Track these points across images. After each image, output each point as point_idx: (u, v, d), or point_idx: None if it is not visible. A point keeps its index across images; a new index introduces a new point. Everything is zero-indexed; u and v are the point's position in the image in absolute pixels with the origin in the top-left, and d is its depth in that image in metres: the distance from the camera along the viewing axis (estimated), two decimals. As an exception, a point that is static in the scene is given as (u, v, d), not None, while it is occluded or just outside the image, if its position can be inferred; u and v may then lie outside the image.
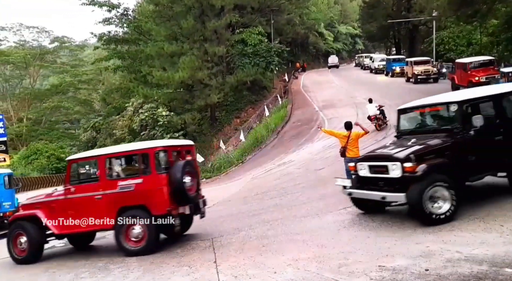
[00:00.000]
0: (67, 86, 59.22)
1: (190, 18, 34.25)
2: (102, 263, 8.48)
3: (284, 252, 7.35)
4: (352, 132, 11.17)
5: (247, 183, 18.08)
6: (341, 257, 6.60)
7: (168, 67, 35.28)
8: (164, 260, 8.11)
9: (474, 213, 7.67)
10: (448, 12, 31.85)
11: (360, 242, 7.18)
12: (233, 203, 14.10)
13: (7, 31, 58.37)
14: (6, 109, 53.68)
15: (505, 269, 5.26)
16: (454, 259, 5.80)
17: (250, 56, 38.05)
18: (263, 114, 34.37)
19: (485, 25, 34.47)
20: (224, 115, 39.32)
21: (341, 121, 24.69)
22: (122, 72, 49.62)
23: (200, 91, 35.90)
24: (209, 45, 35.21)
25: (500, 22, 31.45)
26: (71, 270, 8.45)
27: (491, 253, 5.79)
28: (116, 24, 47.21)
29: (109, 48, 47.66)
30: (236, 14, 37.47)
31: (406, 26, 51.64)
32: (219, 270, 6.90)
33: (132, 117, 46.11)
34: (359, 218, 8.76)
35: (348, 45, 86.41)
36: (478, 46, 36.02)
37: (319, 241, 7.65)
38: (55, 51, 61.61)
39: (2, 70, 56.65)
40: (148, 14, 42.84)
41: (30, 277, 8.43)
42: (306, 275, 6.05)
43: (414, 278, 5.36)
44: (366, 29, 60.46)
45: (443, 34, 40.45)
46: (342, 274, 5.88)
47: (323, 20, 73.70)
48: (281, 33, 49.80)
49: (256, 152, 26.83)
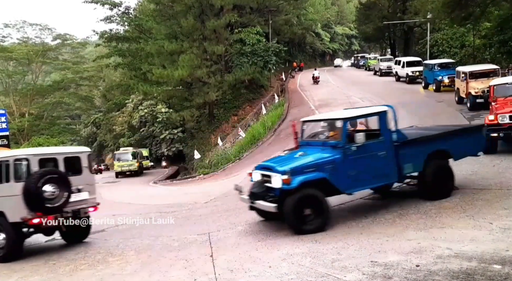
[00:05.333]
0: (68, 83, 59.57)
1: (190, 17, 34.74)
2: (100, 256, 8.51)
3: (279, 247, 7.40)
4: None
5: (244, 179, 17.53)
6: (335, 252, 6.68)
7: (168, 65, 35.75)
8: (161, 253, 8.19)
9: (464, 211, 7.92)
10: (442, 14, 31.95)
11: (353, 238, 7.26)
12: (230, 198, 13.71)
13: (11, 28, 58.57)
14: (9, 104, 53.84)
15: (494, 265, 5.34)
16: (444, 255, 5.86)
17: (248, 55, 38.36)
18: (260, 112, 34.52)
19: (478, 27, 34.87)
20: (222, 112, 39.75)
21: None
22: (122, 70, 50.11)
23: (198, 89, 36.39)
24: (208, 44, 35.69)
25: (493, 25, 31.70)
26: (70, 262, 8.48)
27: (480, 250, 5.87)
28: (117, 22, 47.83)
29: (110, 45, 48.19)
30: (235, 14, 37.81)
31: (401, 27, 51.92)
32: (216, 264, 6.95)
33: (132, 113, 46.82)
34: (352, 215, 8.92)
35: (344, 45, 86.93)
36: (471, 48, 36.30)
37: (313, 237, 7.68)
38: (57, 48, 61.73)
39: (5, 66, 56.81)
40: (148, 13, 43.41)
41: (31, 268, 8.36)
42: (300, 269, 6.12)
43: (405, 273, 5.40)
44: (362, 30, 60.37)
45: (437, 36, 40.66)
46: (335, 269, 5.94)
47: (320, 20, 74.16)
48: (279, 33, 50.15)
49: (253, 149, 26.90)
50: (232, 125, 37.14)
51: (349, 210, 9.43)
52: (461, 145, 9.47)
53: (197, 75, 34.95)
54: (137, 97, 46.23)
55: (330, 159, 8.33)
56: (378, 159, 8.60)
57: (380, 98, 25.99)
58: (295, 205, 7.85)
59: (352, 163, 8.37)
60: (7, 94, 56.45)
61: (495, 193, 8.86)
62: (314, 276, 5.80)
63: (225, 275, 6.39)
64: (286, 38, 55.39)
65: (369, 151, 8.53)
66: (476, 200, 8.41)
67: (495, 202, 8.27)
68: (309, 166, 8.25)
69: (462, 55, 36.99)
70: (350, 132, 8.70)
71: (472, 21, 31.38)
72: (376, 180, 8.76)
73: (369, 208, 9.39)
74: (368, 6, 55.78)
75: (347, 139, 8.45)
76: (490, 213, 7.55)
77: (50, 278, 7.60)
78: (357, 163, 8.40)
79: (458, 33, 38.76)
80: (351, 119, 8.91)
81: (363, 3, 58.15)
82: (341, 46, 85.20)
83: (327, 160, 8.32)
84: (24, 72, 58.20)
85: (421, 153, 8.97)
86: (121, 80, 52.74)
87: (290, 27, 52.78)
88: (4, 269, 8.57)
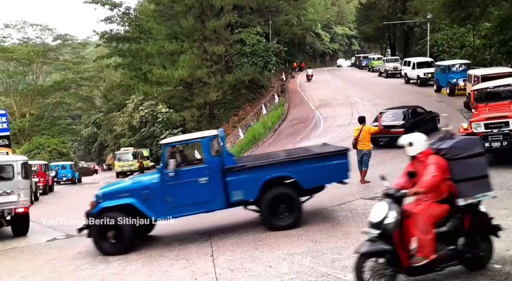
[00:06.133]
0: (69, 83, 59.65)
1: (190, 18, 34.79)
2: (102, 256, 8.45)
3: (280, 247, 7.42)
4: (364, 126, 12.03)
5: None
6: (335, 252, 6.71)
7: (168, 65, 35.82)
8: (162, 253, 8.20)
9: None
10: (442, 14, 31.96)
11: (353, 238, 7.23)
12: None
13: (11, 29, 58.59)
14: (10, 105, 54.00)
15: (494, 265, 5.34)
16: None
17: (249, 55, 38.39)
18: (260, 112, 34.57)
19: (478, 27, 34.79)
20: (222, 112, 39.83)
21: (336, 120, 25.60)
22: (123, 70, 50.18)
23: (199, 89, 36.45)
24: (209, 44, 35.76)
25: (492, 25, 31.56)
26: (72, 261, 8.51)
27: None
28: (117, 23, 48.03)
29: (111, 46, 48.32)
30: (235, 14, 37.95)
31: (401, 27, 51.88)
32: (216, 264, 6.98)
33: (132, 113, 46.87)
34: (352, 215, 8.93)
35: (344, 45, 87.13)
36: (471, 48, 36.34)
37: (313, 237, 7.72)
38: (57, 49, 61.85)
39: (6, 66, 56.90)
40: (149, 13, 43.45)
41: (33, 267, 8.42)
42: (300, 269, 6.13)
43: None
44: (362, 30, 60.37)
45: (437, 36, 40.66)
46: (335, 268, 5.96)
47: (320, 21, 74.27)
48: (279, 33, 50.23)
49: (253, 149, 26.85)
50: (232, 125, 37.17)
51: (349, 210, 9.46)
52: (312, 172, 8.64)
53: (197, 75, 35.02)
54: (137, 97, 46.31)
55: (145, 184, 8.57)
56: (199, 185, 8.45)
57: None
58: (98, 230, 8.32)
59: (170, 189, 8.37)
60: (8, 94, 56.56)
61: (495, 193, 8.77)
62: (314, 275, 5.84)
63: (225, 274, 6.41)
64: (286, 38, 55.49)
65: (188, 177, 8.45)
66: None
67: (495, 202, 8.04)
68: (124, 191, 8.57)
69: (462, 55, 36.95)
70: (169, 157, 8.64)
71: (472, 21, 31.35)
72: (197, 207, 8.62)
73: (369, 208, 9.25)
74: (368, 7, 55.87)
75: (167, 164, 8.44)
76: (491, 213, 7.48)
77: (51, 277, 7.62)
78: (175, 189, 8.38)
79: (458, 33, 38.77)
80: (169, 145, 8.90)
81: (363, 3, 58.27)
82: (341, 46, 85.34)
83: (142, 186, 8.55)
84: (25, 72, 58.25)
85: (255, 180, 8.49)
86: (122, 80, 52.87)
87: (290, 28, 52.90)
88: (5, 269, 8.61)
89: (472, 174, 5.09)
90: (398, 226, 4.87)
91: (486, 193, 5.20)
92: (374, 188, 10.92)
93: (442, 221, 5.02)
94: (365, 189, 11.16)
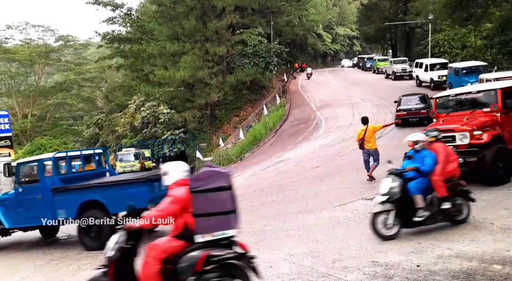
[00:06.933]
0: (71, 84, 59.49)
1: (192, 19, 34.89)
2: (103, 256, 8.81)
3: (280, 247, 7.46)
4: (369, 126, 12.30)
5: (245, 180, 17.95)
6: (335, 252, 6.73)
7: (170, 66, 35.90)
8: None
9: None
10: (443, 15, 32.09)
11: (354, 239, 7.31)
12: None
13: (13, 30, 58.43)
14: (12, 106, 54.09)
15: (494, 265, 5.37)
16: (444, 255, 5.89)
17: (250, 56, 38.41)
18: (261, 113, 34.65)
19: (480, 28, 34.87)
20: (223, 113, 39.85)
21: (338, 121, 25.65)
22: (124, 71, 50.10)
23: (200, 90, 36.53)
24: (210, 45, 35.82)
25: (494, 25, 31.63)
26: (73, 261, 8.59)
27: (480, 250, 5.89)
28: (119, 24, 47.93)
29: (113, 47, 48.19)
30: (237, 15, 37.97)
31: (402, 28, 51.99)
32: None
33: (134, 114, 46.79)
34: (353, 215, 8.97)
35: (346, 46, 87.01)
36: (472, 49, 36.36)
37: (314, 237, 7.76)
38: (59, 50, 61.75)
39: (8, 67, 56.84)
40: (151, 14, 43.42)
41: (34, 268, 8.50)
42: (301, 269, 6.16)
43: (406, 273, 5.44)
44: (364, 31, 60.34)
45: (439, 37, 40.60)
46: (336, 269, 5.98)
47: (322, 21, 74.01)
48: (280, 34, 50.18)
49: (254, 150, 27.00)
50: (233, 126, 37.18)
51: (349, 210, 9.48)
52: (118, 197, 9.05)
53: (199, 76, 35.12)
54: (139, 98, 46.25)
55: (6, 196, 10.52)
56: (35, 202, 9.80)
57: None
58: None
59: (18, 203, 10.02)
60: (10, 95, 56.56)
61: (496, 193, 8.84)
62: (315, 276, 5.83)
63: (226, 274, 6.43)
64: (287, 39, 55.35)
65: (29, 193, 9.93)
66: (477, 200, 8.35)
67: (496, 202, 8.28)
68: None
69: (464, 56, 36.94)
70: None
71: (474, 22, 31.46)
72: (34, 221, 9.81)
73: (370, 208, 9.31)
74: (370, 7, 55.91)
75: (20, 180, 10.26)
76: (491, 213, 7.56)
77: (53, 277, 7.67)
78: (21, 203, 9.97)
79: (459, 34, 38.76)
80: (23, 164, 10.56)
81: (365, 4, 58.24)
82: (342, 47, 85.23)
83: (5, 197, 10.52)
84: (27, 73, 58.27)
85: (73, 201, 9.44)
86: (123, 81, 52.73)
87: (292, 28, 52.85)
88: (7, 269, 8.65)
89: (212, 209, 4.60)
90: None
91: (226, 231, 4.66)
92: (375, 189, 10.84)
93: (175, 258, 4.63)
94: (366, 189, 11.16)
